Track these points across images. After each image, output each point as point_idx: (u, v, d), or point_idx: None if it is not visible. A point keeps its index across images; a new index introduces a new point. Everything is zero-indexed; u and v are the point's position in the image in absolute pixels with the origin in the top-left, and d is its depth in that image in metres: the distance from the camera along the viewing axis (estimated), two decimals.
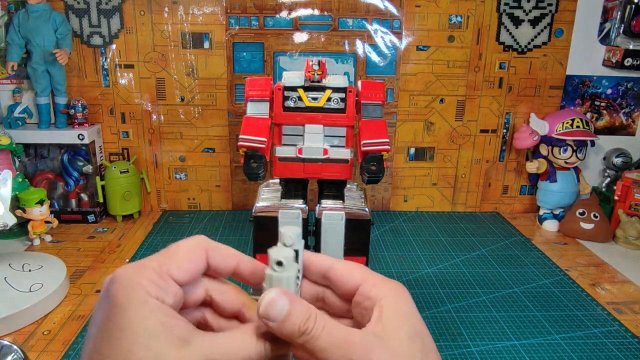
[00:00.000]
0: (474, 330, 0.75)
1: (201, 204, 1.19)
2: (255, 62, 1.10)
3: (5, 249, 0.95)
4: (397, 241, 1.05)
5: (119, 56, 1.08)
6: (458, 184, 1.21)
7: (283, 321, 0.27)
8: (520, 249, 1.03)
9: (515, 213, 1.23)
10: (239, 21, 1.07)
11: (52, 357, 0.67)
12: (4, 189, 0.80)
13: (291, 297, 0.28)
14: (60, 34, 1.01)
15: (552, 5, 1.10)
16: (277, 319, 0.27)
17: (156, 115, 1.12)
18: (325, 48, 1.09)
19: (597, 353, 0.70)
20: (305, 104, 0.70)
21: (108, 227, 1.08)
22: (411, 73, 1.12)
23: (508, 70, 1.13)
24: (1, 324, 0.71)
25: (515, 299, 0.84)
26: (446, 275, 0.91)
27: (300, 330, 0.27)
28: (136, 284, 0.26)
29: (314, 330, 0.27)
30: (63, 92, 1.06)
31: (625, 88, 1.16)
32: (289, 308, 0.27)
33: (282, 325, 0.27)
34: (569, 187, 1.13)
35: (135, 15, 1.06)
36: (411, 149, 1.17)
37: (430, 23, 1.09)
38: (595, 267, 0.97)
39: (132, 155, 1.14)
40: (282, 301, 0.27)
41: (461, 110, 1.15)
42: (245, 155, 0.69)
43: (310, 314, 0.28)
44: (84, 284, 0.85)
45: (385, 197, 1.20)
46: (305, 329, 0.27)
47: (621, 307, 0.83)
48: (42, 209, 0.97)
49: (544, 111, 1.16)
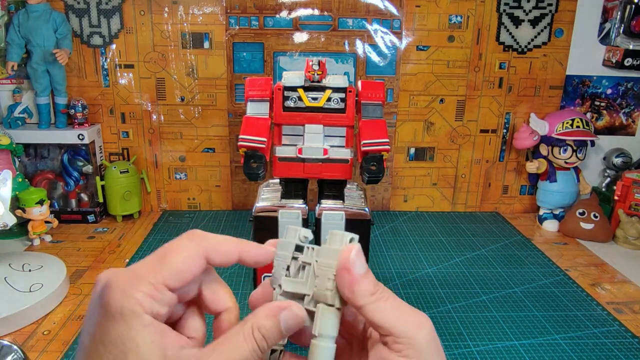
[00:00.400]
0: (474, 330, 0.75)
1: (201, 204, 1.19)
2: (255, 62, 1.10)
3: (5, 249, 0.95)
4: (397, 241, 1.05)
5: (119, 56, 1.08)
6: (458, 184, 1.21)
7: (365, 275, 0.28)
8: (520, 249, 1.03)
9: (515, 213, 1.23)
10: (239, 21, 1.07)
11: (52, 357, 0.67)
12: (4, 189, 0.80)
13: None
14: (60, 34, 1.01)
15: (552, 5, 1.10)
16: (361, 270, 0.28)
17: (156, 115, 1.12)
18: (325, 48, 1.09)
19: (597, 353, 0.70)
20: (305, 104, 0.70)
21: (108, 227, 1.08)
22: (411, 73, 1.12)
23: (508, 70, 1.13)
24: (1, 324, 0.71)
25: (515, 299, 0.84)
26: (446, 275, 0.91)
27: (375, 288, 0.28)
28: (130, 296, 0.25)
29: (383, 293, 0.28)
30: (63, 92, 1.06)
31: (625, 88, 1.16)
32: (367, 267, 0.28)
33: (363, 278, 0.27)
34: (569, 187, 1.13)
35: (135, 15, 1.06)
36: (411, 149, 1.17)
37: (430, 23, 1.09)
38: (595, 267, 0.97)
39: (132, 155, 1.14)
40: (363, 258, 0.28)
41: (461, 110, 1.15)
42: (245, 155, 0.69)
43: (377, 281, 0.28)
44: (84, 284, 0.85)
45: (385, 197, 1.20)
46: (377, 289, 0.28)
47: (621, 307, 0.83)
48: (42, 209, 0.97)
49: (544, 111, 1.16)
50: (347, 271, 0.27)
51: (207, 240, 0.29)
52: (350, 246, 0.28)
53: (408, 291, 0.85)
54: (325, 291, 0.28)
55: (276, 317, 0.28)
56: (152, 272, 0.27)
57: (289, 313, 0.28)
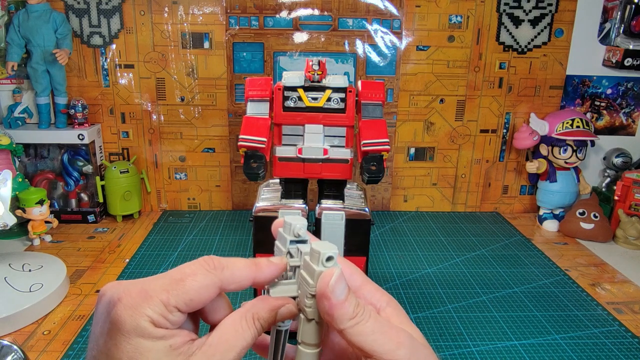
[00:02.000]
0: (474, 330, 0.75)
1: (201, 204, 1.19)
2: (255, 62, 1.10)
3: (5, 249, 0.95)
4: (397, 241, 1.05)
5: (119, 56, 1.08)
6: (458, 184, 1.21)
7: (344, 300, 0.28)
8: (520, 249, 1.03)
9: (515, 213, 1.23)
10: (239, 21, 1.07)
11: (52, 357, 0.67)
12: (4, 189, 0.80)
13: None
14: (60, 34, 1.01)
15: (552, 5, 1.10)
16: (340, 297, 0.28)
17: (156, 115, 1.12)
18: (325, 48, 1.09)
19: (597, 353, 0.70)
20: (305, 104, 0.70)
21: (108, 227, 1.08)
22: (411, 73, 1.12)
23: (508, 70, 1.13)
24: (1, 324, 0.71)
25: (515, 299, 0.84)
26: (446, 275, 0.91)
27: (354, 312, 0.28)
28: (142, 314, 0.26)
29: (363, 315, 0.28)
30: (63, 92, 1.06)
31: (625, 88, 1.16)
32: (348, 289, 0.28)
33: (342, 304, 0.28)
34: (569, 187, 1.13)
35: (135, 15, 1.06)
36: (411, 149, 1.17)
37: (430, 23, 1.09)
38: (595, 267, 0.97)
39: (132, 155, 1.14)
40: (344, 281, 0.28)
41: (461, 110, 1.15)
42: (245, 155, 0.69)
43: (358, 301, 0.29)
44: (84, 284, 0.85)
45: (385, 197, 1.20)
46: (357, 313, 0.28)
47: (621, 307, 0.83)
48: (42, 209, 0.97)
49: (544, 111, 1.16)
50: (327, 299, 0.28)
51: (223, 272, 0.29)
52: (330, 271, 0.28)
53: (408, 291, 0.85)
54: (305, 307, 0.29)
55: (275, 311, 0.30)
56: (166, 293, 0.27)
57: (286, 309, 0.30)
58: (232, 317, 0.29)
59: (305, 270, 0.30)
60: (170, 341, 0.27)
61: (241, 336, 0.29)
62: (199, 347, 0.28)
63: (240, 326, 0.29)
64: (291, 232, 0.31)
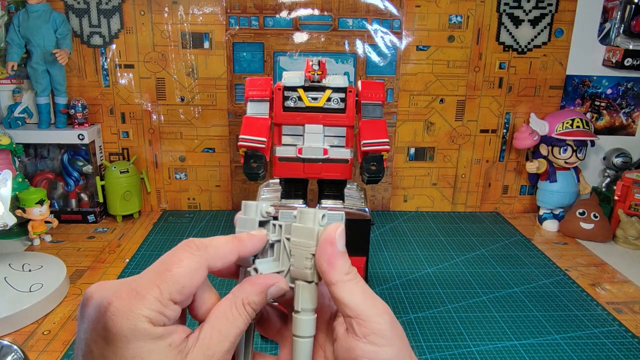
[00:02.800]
0: (474, 330, 0.75)
1: (201, 204, 1.19)
2: (255, 62, 1.10)
3: (5, 249, 0.95)
4: (397, 241, 1.05)
5: (119, 56, 1.08)
6: (458, 184, 1.21)
7: (344, 253, 0.30)
8: (520, 249, 1.03)
9: (515, 213, 1.23)
10: (239, 21, 1.07)
11: (52, 357, 0.67)
12: (4, 189, 0.80)
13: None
14: (60, 34, 1.01)
15: (552, 5, 1.10)
16: (342, 248, 0.30)
17: (156, 115, 1.12)
18: (325, 48, 1.09)
19: (597, 353, 0.70)
20: (305, 104, 0.70)
21: (108, 227, 1.08)
22: (411, 73, 1.12)
23: (508, 70, 1.13)
24: (1, 324, 0.71)
25: (515, 299, 0.84)
26: (446, 275, 0.91)
27: (350, 269, 0.30)
28: (139, 315, 0.25)
29: (357, 276, 0.30)
30: (63, 92, 1.06)
31: (625, 88, 1.16)
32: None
33: (343, 254, 0.30)
34: (569, 187, 1.13)
35: (135, 15, 1.06)
36: (411, 149, 1.17)
37: (430, 23, 1.09)
38: (595, 267, 0.97)
39: (132, 155, 1.14)
40: (344, 238, 0.30)
41: (461, 110, 1.15)
42: (245, 155, 0.69)
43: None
44: (84, 284, 0.85)
45: (385, 197, 1.20)
46: (352, 271, 0.30)
47: (621, 307, 0.83)
48: (42, 209, 0.97)
49: (544, 111, 1.16)
50: (331, 245, 0.29)
51: (207, 250, 0.29)
52: (335, 225, 0.30)
53: (408, 291, 0.85)
54: (304, 270, 0.30)
55: (265, 292, 0.30)
56: (157, 287, 0.26)
57: (275, 288, 0.30)
58: (222, 306, 0.29)
59: (297, 235, 0.31)
60: (169, 340, 0.26)
61: (233, 324, 0.28)
62: (193, 343, 0.27)
63: (232, 314, 0.29)
64: (258, 213, 0.32)
